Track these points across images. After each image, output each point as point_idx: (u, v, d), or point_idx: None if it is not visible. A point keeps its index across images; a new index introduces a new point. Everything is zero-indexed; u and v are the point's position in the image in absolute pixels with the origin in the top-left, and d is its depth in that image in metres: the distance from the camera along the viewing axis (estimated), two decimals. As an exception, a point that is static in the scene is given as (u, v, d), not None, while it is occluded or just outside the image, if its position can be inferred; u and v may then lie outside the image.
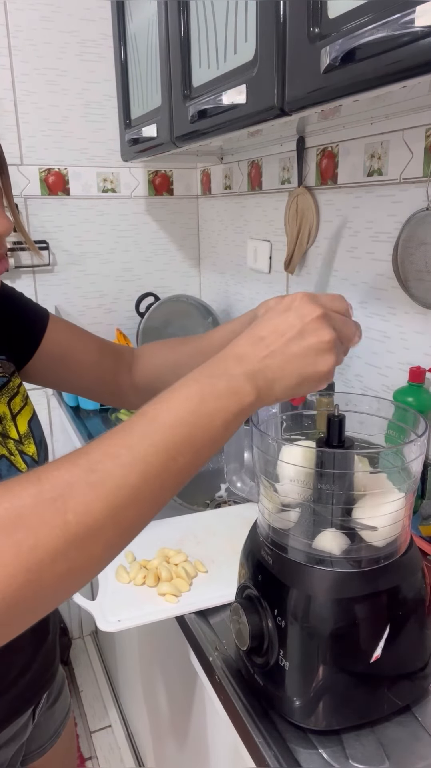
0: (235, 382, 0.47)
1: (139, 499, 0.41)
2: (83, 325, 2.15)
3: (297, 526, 0.65)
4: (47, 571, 0.37)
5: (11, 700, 0.78)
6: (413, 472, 0.64)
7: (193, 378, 0.47)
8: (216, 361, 0.50)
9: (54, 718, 0.93)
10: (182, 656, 0.94)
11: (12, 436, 0.72)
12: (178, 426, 0.44)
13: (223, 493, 1.39)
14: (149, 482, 0.42)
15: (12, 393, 0.75)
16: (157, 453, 0.43)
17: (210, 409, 0.45)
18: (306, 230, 1.37)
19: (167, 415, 0.44)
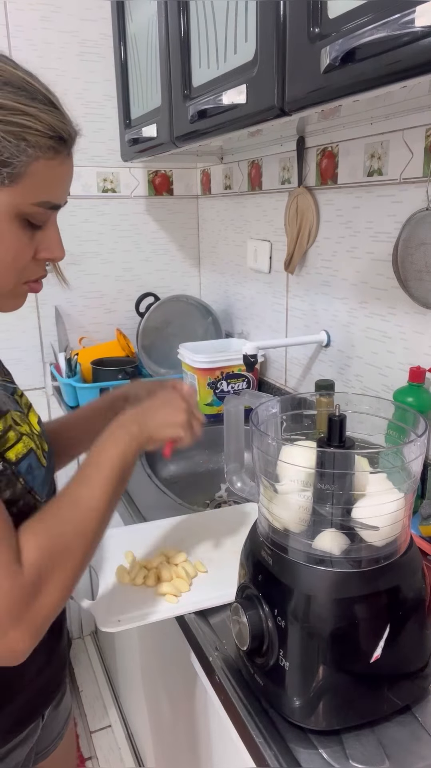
0: (131, 428, 0.75)
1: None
2: (83, 325, 2.14)
3: (297, 526, 0.65)
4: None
5: (29, 699, 0.79)
6: (413, 472, 0.64)
7: (104, 439, 0.74)
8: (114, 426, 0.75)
9: (59, 719, 0.94)
10: (182, 656, 0.93)
11: (34, 431, 0.76)
12: (116, 468, 0.71)
13: (223, 493, 1.39)
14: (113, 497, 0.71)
15: (20, 395, 0.79)
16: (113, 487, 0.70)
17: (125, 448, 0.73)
18: (306, 230, 1.37)
19: (108, 463, 0.71)
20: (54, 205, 0.64)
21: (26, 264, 0.65)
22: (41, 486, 0.72)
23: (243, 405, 0.88)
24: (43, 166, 0.60)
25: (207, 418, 1.58)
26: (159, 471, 1.43)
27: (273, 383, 1.66)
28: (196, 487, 1.41)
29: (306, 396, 0.82)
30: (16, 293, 0.68)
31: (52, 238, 0.66)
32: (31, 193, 0.61)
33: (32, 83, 0.60)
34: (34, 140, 0.59)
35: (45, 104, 0.60)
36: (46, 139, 0.60)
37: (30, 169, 0.59)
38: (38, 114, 0.59)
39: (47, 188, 0.62)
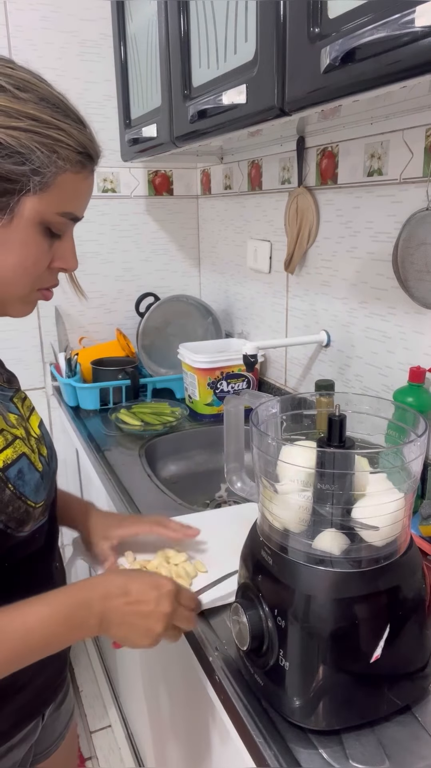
0: (90, 619, 0.67)
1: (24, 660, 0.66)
2: (83, 325, 2.14)
3: (297, 526, 0.65)
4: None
5: (26, 702, 0.79)
6: (413, 472, 0.64)
7: (64, 603, 0.66)
8: (90, 587, 0.69)
9: (60, 719, 0.94)
10: (182, 656, 0.93)
11: (32, 434, 0.76)
12: (48, 637, 0.65)
13: (223, 493, 1.39)
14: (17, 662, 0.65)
15: (21, 399, 0.80)
16: (32, 652, 0.65)
17: (68, 636, 0.67)
18: (306, 230, 1.37)
19: (37, 632, 0.64)
20: (75, 216, 0.68)
21: (42, 271, 0.68)
22: (34, 491, 0.72)
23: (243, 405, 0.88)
24: (70, 179, 0.64)
25: (207, 418, 1.58)
26: (159, 471, 1.43)
27: (273, 383, 1.66)
28: (196, 487, 1.41)
29: (306, 396, 0.82)
30: (28, 300, 0.71)
31: (68, 249, 0.70)
32: (56, 203, 0.64)
33: (66, 102, 0.65)
34: (64, 153, 0.62)
35: (76, 122, 0.65)
36: (75, 153, 0.64)
37: (58, 180, 0.63)
38: (70, 130, 0.63)
39: (71, 200, 0.66)
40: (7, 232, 0.63)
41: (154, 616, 0.69)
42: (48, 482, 0.77)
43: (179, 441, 1.51)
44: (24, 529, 0.70)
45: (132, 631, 0.69)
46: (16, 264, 0.65)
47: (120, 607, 0.68)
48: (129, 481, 1.26)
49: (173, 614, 0.70)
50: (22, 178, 0.61)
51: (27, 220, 0.63)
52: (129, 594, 0.68)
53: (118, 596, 0.68)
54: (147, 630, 0.69)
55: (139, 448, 1.42)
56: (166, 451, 1.48)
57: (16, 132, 0.59)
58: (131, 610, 0.68)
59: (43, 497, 0.74)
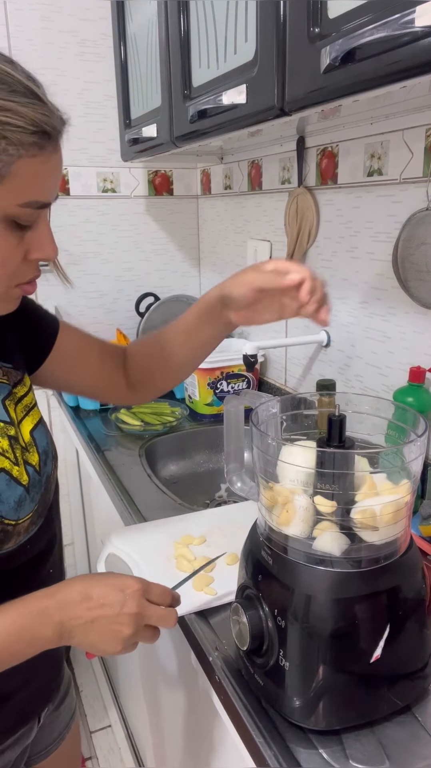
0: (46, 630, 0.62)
1: None
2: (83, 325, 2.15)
3: (297, 526, 0.65)
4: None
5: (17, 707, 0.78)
6: (413, 472, 0.64)
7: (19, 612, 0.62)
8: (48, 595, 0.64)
9: (59, 720, 0.93)
10: (182, 656, 0.94)
11: (20, 443, 0.72)
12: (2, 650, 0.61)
13: (223, 493, 1.39)
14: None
15: (16, 400, 0.74)
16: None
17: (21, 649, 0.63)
18: (306, 230, 1.37)
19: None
20: (42, 203, 0.60)
21: (17, 267, 0.62)
22: (14, 508, 0.67)
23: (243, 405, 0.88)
24: (27, 164, 0.56)
25: (207, 418, 1.58)
26: (159, 471, 1.43)
27: (273, 383, 1.66)
28: (196, 487, 1.41)
29: (306, 396, 0.82)
30: (8, 297, 0.65)
31: (43, 237, 0.62)
32: (16, 193, 0.57)
33: (11, 73, 0.56)
34: (15, 138, 0.54)
35: (26, 96, 0.56)
36: (27, 135, 0.55)
37: (13, 169, 0.55)
38: (18, 108, 0.54)
39: (33, 187, 0.58)
40: None
41: (120, 619, 0.63)
42: (38, 491, 0.72)
43: (179, 441, 1.51)
44: (4, 547, 0.66)
45: (99, 638, 0.63)
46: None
47: (81, 614, 0.63)
48: (129, 481, 1.26)
49: (142, 614, 0.65)
50: None
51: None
52: (90, 599, 0.63)
53: (78, 603, 0.63)
54: (114, 634, 0.63)
55: (139, 448, 1.42)
56: (166, 451, 1.48)
57: None
58: (94, 615, 0.63)
59: (28, 510, 0.69)
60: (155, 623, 0.67)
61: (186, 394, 1.68)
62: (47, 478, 0.75)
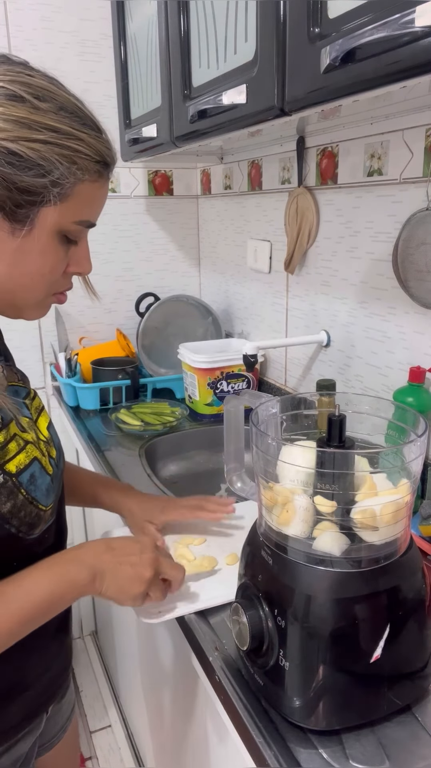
0: (82, 572, 0.69)
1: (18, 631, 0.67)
2: (83, 325, 2.14)
3: (297, 526, 0.65)
4: None
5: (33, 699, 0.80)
6: (413, 472, 0.64)
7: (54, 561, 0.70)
8: (77, 548, 0.73)
9: (62, 712, 0.95)
10: (182, 656, 0.94)
11: (41, 438, 0.77)
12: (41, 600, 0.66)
13: (223, 493, 1.39)
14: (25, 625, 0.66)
15: (31, 399, 0.80)
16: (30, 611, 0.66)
17: (63, 591, 0.68)
18: (306, 230, 1.37)
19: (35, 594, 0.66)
20: (91, 223, 0.69)
21: (58, 277, 0.70)
22: (45, 494, 0.72)
23: (243, 405, 0.88)
24: (88, 188, 0.65)
25: (207, 418, 1.58)
26: (159, 471, 1.43)
27: (273, 383, 1.66)
28: (196, 487, 1.41)
29: (306, 396, 0.82)
30: (44, 304, 0.72)
31: (83, 254, 0.72)
32: (74, 212, 0.65)
33: (83, 109, 0.66)
34: (83, 164, 0.63)
35: (93, 130, 0.66)
36: (93, 163, 0.64)
37: (76, 190, 0.64)
38: (89, 140, 0.64)
39: (88, 208, 0.67)
40: (26, 242, 0.64)
41: (141, 563, 0.72)
42: (58, 483, 0.78)
43: (179, 441, 1.51)
44: (34, 532, 0.71)
45: (125, 579, 0.71)
46: (34, 272, 0.66)
47: (109, 558, 0.71)
48: (129, 481, 1.25)
49: (158, 559, 0.74)
50: (42, 189, 0.61)
51: (45, 230, 0.64)
52: (114, 549, 0.73)
53: (104, 551, 0.72)
54: (138, 575, 0.72)
55: (139, 448, 1.42)
56: (166, 451, 1.48)
57: (36, 144, 0.60)
58: (119, 560, 0.72)
59: (52, 499, 0.74)
60: (168, 570, 0.75)
61: (186, 394, 1.68)
62: (61, 473, 0.81)
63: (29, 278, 0.67)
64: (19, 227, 0.63)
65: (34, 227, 0.63)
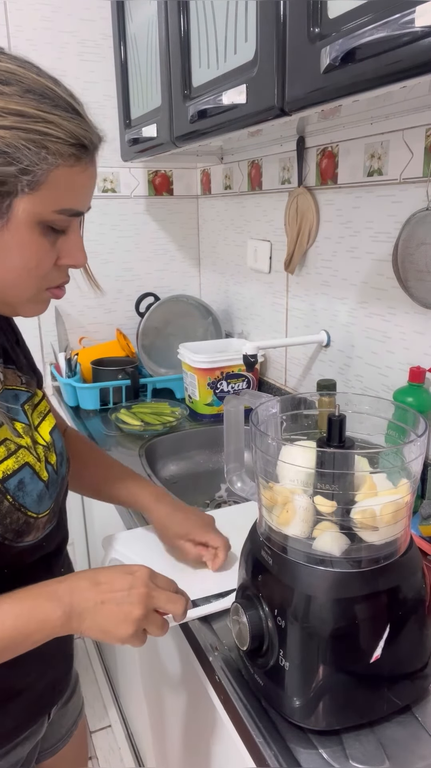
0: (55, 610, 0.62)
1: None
2: (83, 325, 2.14)
3: (297, 526, 0.65)
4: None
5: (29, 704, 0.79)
6: (413, 472, 0.64)
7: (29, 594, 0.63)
8: (57, 581, 0.65)
9: (67, 717, 0.94)
10: (182, 656, 0.94)
11: (40, 442, 0.74)
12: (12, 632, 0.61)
13: (223, 493, 1.39)
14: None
15: (33, 406, 0.77)
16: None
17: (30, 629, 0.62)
18: (306, 230, 1.37)
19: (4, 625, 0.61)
20: (76, 212, 0.64)
21: (48, 271, 0.66)
22: (36, 501, 0.70)
23: (243, 405, 0.88)
24: (64, 174, 0.60)
25: (207, 418, 1.58)
26: (159, 471, 1.43)
27: (273, 383, 1.66)
28: (196, 487, 1.41)
29: (306, 396, 0.82)
30: (39, 299, 0.69)
31: (74, 245, 0.67)
32: (52, 200, 0.61)
33: (55, 89, 0.60)
34: (54, 148, 0.58)
35: (67, 111, 0.60)
36: (67, 146, 0.59)
37: (51, 177, 0.59)
38: (59, 121, 0.59)
39: (68, 195, 0.62)
40: (3, 236, 0.60)
41: (129, 599, 0.63)
42: (55, 490, 0.75)
43: (179, 441, 1.51)
44: (24, 540, 0.68)
45: (109, 620, 0.63)
46: (18, 267, 0.63)
47: (91, 596, 0.63)
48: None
49: (151, 594, 0.65)
50: (10, 179, 0.57)
51: (23, 221, 0.60)
52: (99, 584, 0.65)
53: (87, 588, 0.64)
54: (125, 615, 0.63)
55: (139, 448, 1.42)
56: (166, 451, 1.48)
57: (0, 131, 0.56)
58: (104, 597, 0.63)
59: (47, 506, 0.72)
60: (164, 605, 0.67)
61: (186, 394, 1.68)
62: (62, 479, 0.78)
63: (15, 274, 0.63)
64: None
65: (9, 220, 0.59)
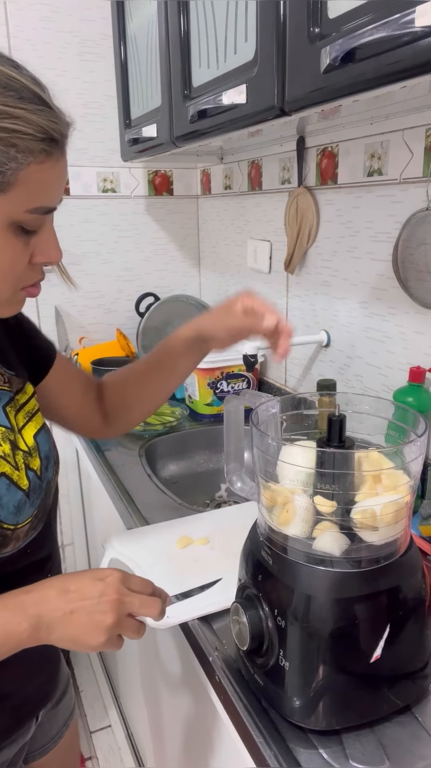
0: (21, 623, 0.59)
1: None
2: (83, 325, 2.14)
3: (297, 526, 0.65)
4: None
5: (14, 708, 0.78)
6: (413, 472, 0.64)
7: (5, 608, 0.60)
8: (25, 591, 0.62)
9: (57, 718, 0.93)
10: (182, 656, 0.94)
11: (22, 448, 0.71)
12: None
13: (223, 493, 1.39)
14: None
15: (17, 407, 0.74)
16: None
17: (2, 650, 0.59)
18: (306, 230, 1.37)
19: None
20: (49, 209, 0.60)
21: (22, 271, 0.62)
22: (13, 512, 0.67)
23: (243, 405, 0.88)
24: (35, 171, 0.56)
25: (207, 418, 1.58)
26: (159, 471, 1.43)
27: (273, 383, 1.66)
28: (196, 487, 1.41)
29: (306, 396, 0.82)
30: (14, 300, 0.66)
31: (48, 241, 0.63)
32: (23, 200, 0.57)
33: (18, 79, 0.55)
34: (23, 145, 0.54)
35: (34, 103, 0.55)
36: (36, 142, 0.55)
37: (21, 176, 0.55)
38: (27, 116, 0.54)
39: (40, 193, 0.58)
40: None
41: (100, 607, 0.60)
42: (38, 496, 0.72)
43: (179, 441, 1.51)
44: (3, 551, 0.66)
45: (80, 629, 0.60)
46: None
47: (59, 606, 0.60)
48: (129, 481, 1.26)
49: (123, 600, 0.62)
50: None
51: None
52: (68, 592, 0.61)
53: (55, 597, 0.61)
54: (96, 624, 0.60)
55: (139, 448, 1.42)
56: (166, 451, 1.48)
57: None
58: (73, 607, 0.60)
59: (28, 515, 0.69)
60: (138, 610, 0.63)
61: (186, 394, 1.68)
62: (48, 484, 0.75)
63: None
64: None
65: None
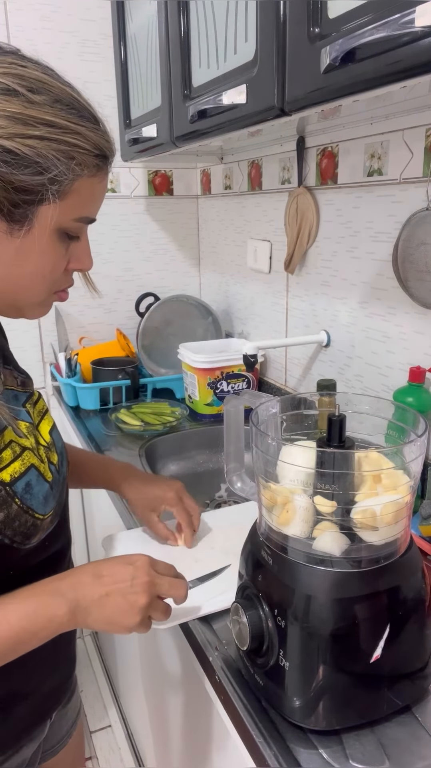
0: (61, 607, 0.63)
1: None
2: (83, 325, 2.14)
3: (297, 526, 0.65)
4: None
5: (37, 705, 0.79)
6: (413, 472, 0.64)
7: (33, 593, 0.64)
8: (60, 578, 0.66)
9: (67, 717, 0.95)
10: (182, 656, 0.94)
11: (42, 443, 0.74)
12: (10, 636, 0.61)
13: (223, 493, 1.39)
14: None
15: (33, 403, 0.78)
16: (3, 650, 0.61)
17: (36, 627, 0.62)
18: (306, 230, 1.37)
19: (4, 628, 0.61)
20: (91, 219, 0.67)
21: (59, 275, 0.68)
22: (42, 503, 0.70)
23: (243, 405, 0.88)
24: (87, 183, 0.63)
25: (207, 418, 1.58)
26: (159, 471, 1.43)
27: (273, 383, 1.66)
28: (196, 487, 1.41)
29: (307, 396, 0.82)
30: (45, 303, 0.70)
31: (84, 250, 0.69)
32: (74, 208, 0.63)
33: (79, 100, 0.63)
34: (81, 159, 0.61)
35: (91, 122, 0.63)
36: (92, 157, 0.62)
37: (75, 186, 0.61)
38: (86, 133, 0.61)
39: (88, 204, 0.65)
40: (26, 242, 0.62)
41: (133, 589, 0.65)
42: (58, 489, 0.75)
43: (179, 441, 1.51)
44: (30, 541, 0.68)
45: (115, 611, 0.64)
46: (34, 272, 0.64)
47: (95, 590, 0.64)
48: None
49: (154, 582, 0.67)
50: (39, 188, 0.59)
51: (45, 228, 0.62)
52: (101, 576, 0.66)
53: (90, 581, 0.65)
54: (130, 605, 0.65)
55: (139, 448, 1.42)
56: (166, 451, 1.48)
57: (32, 141, 0.57)
58: (108, 590, 0.65)
59: (52, 506, 0.72)
60: (167, 591, 0.68)
61: (186, 394, 1.68)
62: (63, 479, 0.78)
63: (29, 278, 0.65)
64: (18, 227, 0.60)
65: (33, 227, 0.61)
